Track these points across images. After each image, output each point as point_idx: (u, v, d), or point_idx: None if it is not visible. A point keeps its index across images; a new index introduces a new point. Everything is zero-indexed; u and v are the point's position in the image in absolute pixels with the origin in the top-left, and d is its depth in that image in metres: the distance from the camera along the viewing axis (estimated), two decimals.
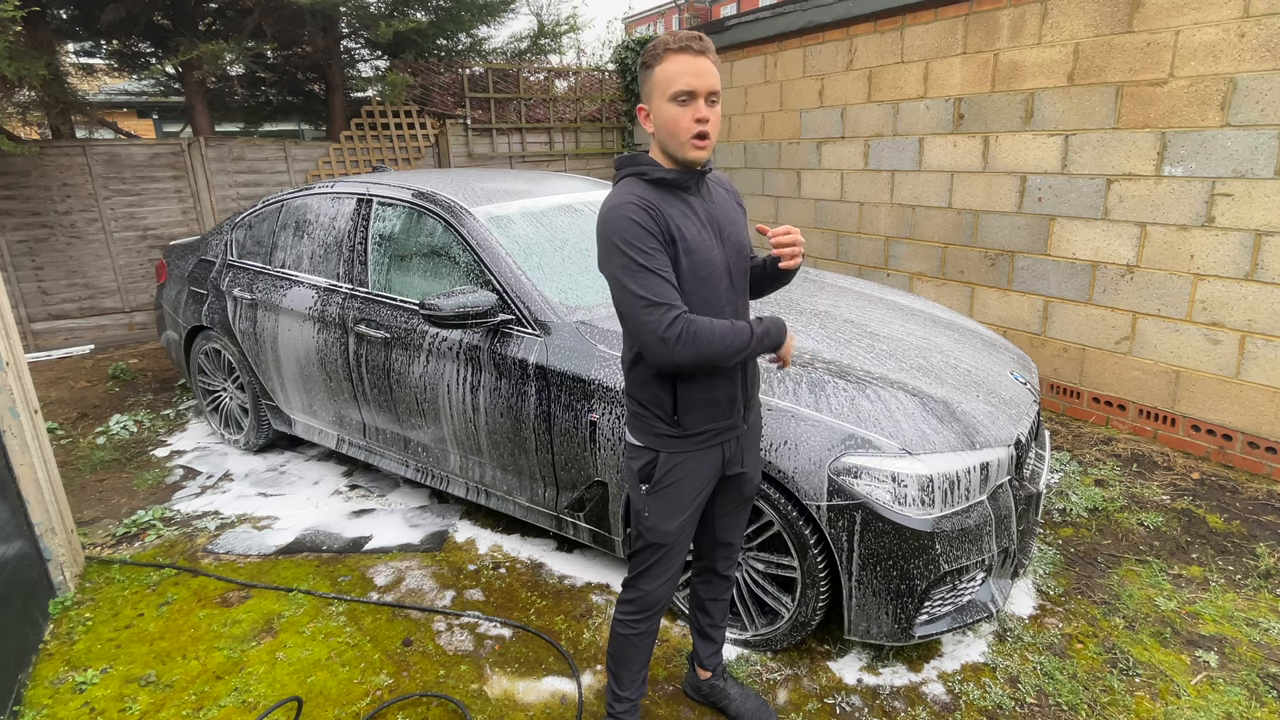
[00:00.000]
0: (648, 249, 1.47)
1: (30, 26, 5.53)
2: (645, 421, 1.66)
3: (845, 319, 2.79)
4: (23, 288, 5.83)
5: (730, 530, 1.88)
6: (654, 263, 1.47)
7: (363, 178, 3.40)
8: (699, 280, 1.56)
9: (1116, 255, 3.86)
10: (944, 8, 4.51)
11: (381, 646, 2.40)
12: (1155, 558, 2.83)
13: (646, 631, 1.79)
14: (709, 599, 1.97)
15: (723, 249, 1.62)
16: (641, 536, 1.72)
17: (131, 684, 2.25)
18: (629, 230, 1.47)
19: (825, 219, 5.72)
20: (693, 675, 2.10)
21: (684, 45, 1.48)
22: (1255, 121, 3.26)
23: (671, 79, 1.47)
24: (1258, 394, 3.42)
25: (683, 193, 1.58)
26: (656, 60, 1.49)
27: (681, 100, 1.48)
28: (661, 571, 1.73)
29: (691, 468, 1.66)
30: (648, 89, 1.53)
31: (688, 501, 1.69)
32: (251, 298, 3.52)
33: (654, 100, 1.51)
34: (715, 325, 1.51)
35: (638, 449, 1.69)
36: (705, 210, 1.61)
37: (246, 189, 6.55)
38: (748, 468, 1.79)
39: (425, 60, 7.36)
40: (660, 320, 1.45)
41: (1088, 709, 2.10)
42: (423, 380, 2.85)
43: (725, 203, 1.69)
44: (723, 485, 1.78)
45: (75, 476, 3.68)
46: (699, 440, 1.65)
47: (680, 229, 1.53)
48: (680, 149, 1.52)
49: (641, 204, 1.49)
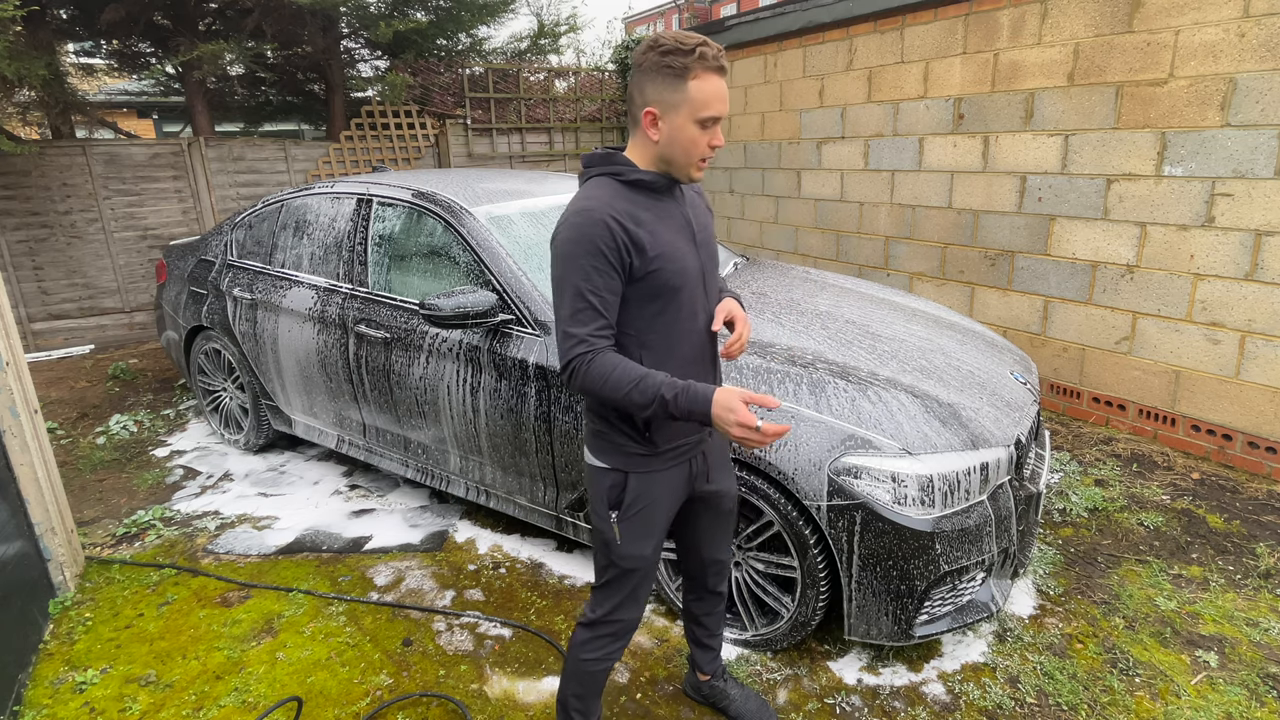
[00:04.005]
0: (595, 269, 1.40)
1: (30, 26, 5.53)
2: (610, 440, 1.56)
3: (847, 320, 2.79)
4: (23, 288, 5.83)
5: (719, 547, 1.84)
6: (594, 287, 1.40)
7: (363, 178, 3.40)
8: (671, 289, 1.48)
9: (1116, 255, 3.86)
10: (944, 8, 4.51)
11: (381, 646, 2.40)
12: (1155, 558, 2.83)
13: (619, 652, 1.70)
14: (704, 614, 1.94)
15: (697, 254, 1.56)
16: (614, 565, 1.61)
17: (131, 684, 2.25)
18: (585, 245, 1.39)
19: (825, 219, 5.72)
20: (693, 676, 2.10)
21: (720, 65, 1.40)
22: (1255, 121, 3.26)
23: (707, 102, 1.39)
24: (1258, 394, 3.42)
25: (659, 195, 1.51)
26: (688, 74, 1.37)
27: (708, 125, 1.41)
28: (640, 595, 1.66)
29: (664, 487, 1.59)
30: (670, 99, 1.40)
31: (662, 523, 1.62)
32: (251, 298, 3.52)
33: (676, 114, 1.40)
34: (615, 374, 1.40)
35: (602, 472, 1.58)
36: (681, 213, 1.55)
37: (246, 189, 6.55)
38: (720, 483, 1.73)
39: (425, 60, 7.36)
40: (567, 351, 1.42)
41: (1088, 709, 2.10)
42: (423, 380, 2.85)
43: (697, 205, 1.64)
44: (702, 506, 1.74)
45: (75, 476, 3.68)
46: (670, 457, 1.58)
47: (652, 235, 1.45)
48: (685, 169, 1.47)
49: (609, 218, 1.40)
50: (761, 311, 2.77)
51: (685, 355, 1.55)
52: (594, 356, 1.40)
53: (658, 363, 1.50)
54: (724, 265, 3.37)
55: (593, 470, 1.60)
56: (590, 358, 1.40)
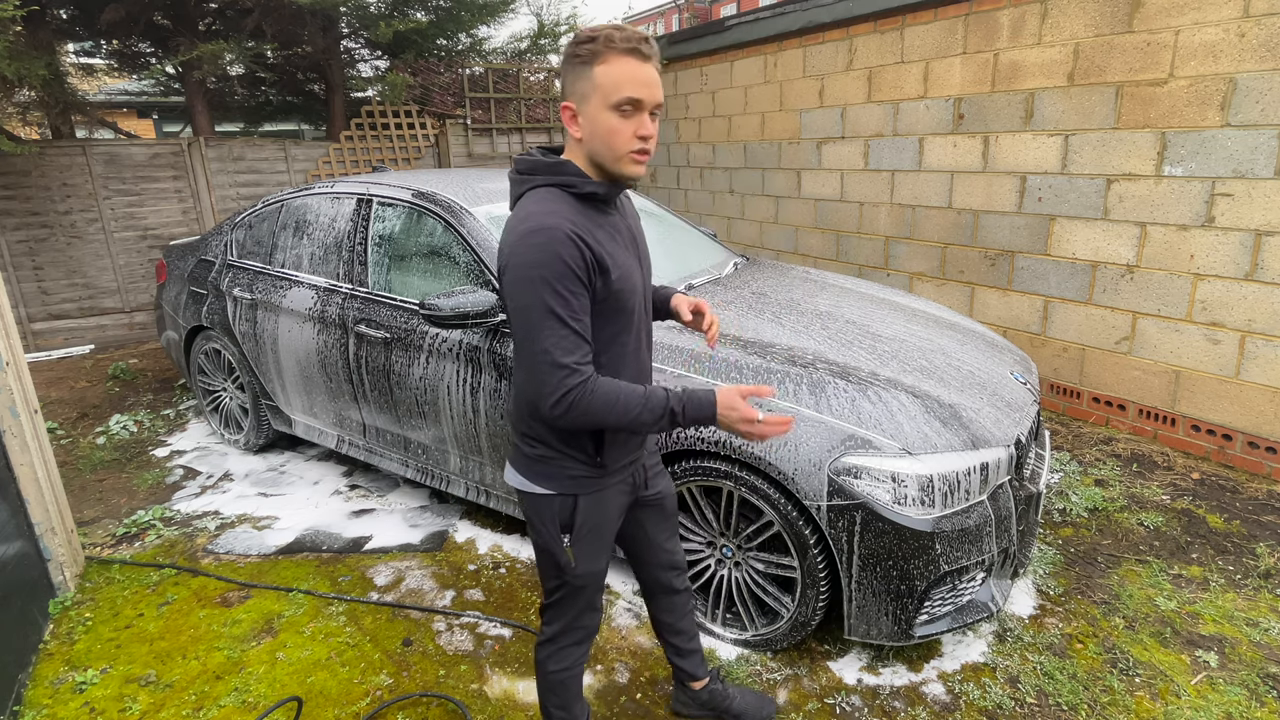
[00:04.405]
0: (570, 292, 1.29)
1: (30, 26, 5.53)
2: (555, 465, 1.48)
3: (847, 320, 2.79)
4: (23, 288, 5.83)
5: (676, 550, 1.83)
6: (573, 311, 1.30)
7: (363, 178, 3.40)
8: (627, 311, 1.42)
9: (1116, 255, 3.86)
10: (944, 8, 4.51)
11: (381, 646, 2.40)
12: (1155, 558, 2.83)
13: (586, 654, 1.68)
14: (676, 619, 1.90)
15: (641, 270, 1.49)
16: (567, 584, 1.56)
17: (131, 684, 2.25)
18: (555, 267, 1.28)
19: (825, 219, 5.72)
20: (683, 691, 2.02)
21: (632, 46, 1.29)
22: (1255, 121, 3.26)
23: (617, 84, 1.28)
24: (1258, 394, 3.42)
25: (607, 208, 1.42)
26: (596, 58, 1.29)
27: (625, 110, 1.30)
28: (596, 602, 1.63)
29: (613, 502, 1.56)
30: (581, 88, 1.31)
31: (613, 535, 1.59)
32: (251, 298, 3.52)
33: (589, 103, 1.31)
34: (621, 397, 1.33)
35: (546, 499, 1.49)
36: (626, 227, 1.48)
37: (246, 189, 6.55)
38: (659, 486, 1.73)
39: (425, 60, 7.36)
40: (560, 383, 1.30)
41: (1088, 709, 2.10)
42: (423, 380, 2.85)
43: (635, 217, 1.57)
44: (647, 512, 1.73)
45: (75, 476, 3.68)
46: (619, 474, 1.55)
47: (610, 255, 1.36)
48: (618, 163, 1.34)
49: (573, 235, 1.30)
50: (761, 311, 2.77)
51: (631, 377, 1.50)
52: (593, 385, 1.33)
53: None
54: (724, 265, 3.38)
55: (533, 497, 1.51)
56: (590, 387, 1.32)
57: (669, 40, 7.00)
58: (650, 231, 3.40)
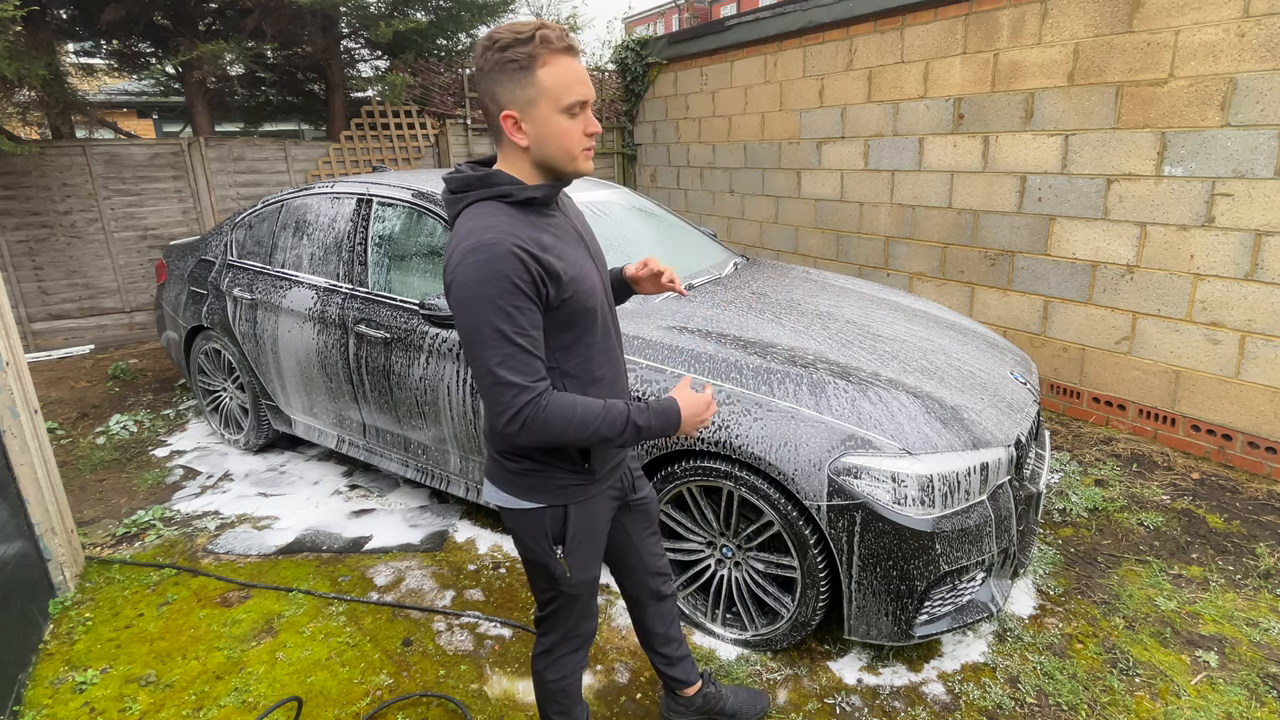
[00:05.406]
0: (516, 308, 1.26)
1: (30, 26, 5.53)
2: (541, 479, 1.45)
3: (847, 320, 2.79)
4: (23, 288, 5.83)
5: (659, 555, 1.81)
6: (519, 328, 1.27)
7: (363, 178, 3.39)
8: (586, 312, 1.39)
9: (1116, 255, 3.86)
10: (944, 8, 4.51)
11: (381, 646, 2.40)
12: (1155, 558, 2.83)
13: (584, 659, 1.68)
14: (666, 628, 1.86)
15: (596, 267, 1.47)
16: (561, 594, 1.54)
17: (131, 684, 2.25)
18: (499, 284, 1.24)
19: (825, 219, 5.72)
20: (674, 700, 1.96)
21: (567, 44, 1.28)
22: (1255, 121, 3.26)
23: (566, 87, 1.27)
24: (1258, 394, 3.42)
25: (549, 210, 1.40)
26: (535, 61, 1.25)
27: (575, 112, 1.30)
28: (592, 608, 1.61)
29: (603, 508, 1.55)
30: (524, 94, 1.27)
31: (604, 540, 1.58)
32: (251, 298, 3.52)
33: (537, 108, 1.28)
34: (578, 411, 1.32)
35: (535, 513, 1.46)
36: (572, 226, 1.45)
37: (246, 189, 6.55)
38: (643, 490, 1.73)
39: (425, 60, 7.35)
40: (510, 402, 1.27)
41: (1088, 709, 2.10)
42: (423, 380, 2.85)
43: (578, 214, 1.54)
44: (632, 516, 1.71)
45: (75, 476, 3.68)
46: (607, 479, 1.54)
47: (560, 258, 1.33)
48: (572, 163, 1.33)
49: (517, 249, 1.26)
50: (762, 312, 2.77)
51: (605, 376, 1.48)
52: (546, 401, 1.29)
53: (582, 390, 1.43)
54: (724, 265, 3.37)
55: (520, 513, 1.47)
56: (543, 403, 1.29)
57: (669, 40, 7.00)
58: (650, 231, 3.40)
